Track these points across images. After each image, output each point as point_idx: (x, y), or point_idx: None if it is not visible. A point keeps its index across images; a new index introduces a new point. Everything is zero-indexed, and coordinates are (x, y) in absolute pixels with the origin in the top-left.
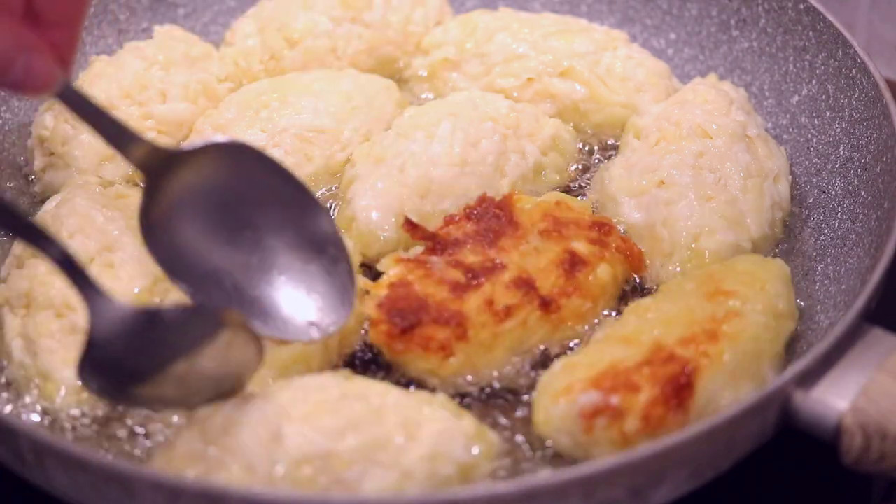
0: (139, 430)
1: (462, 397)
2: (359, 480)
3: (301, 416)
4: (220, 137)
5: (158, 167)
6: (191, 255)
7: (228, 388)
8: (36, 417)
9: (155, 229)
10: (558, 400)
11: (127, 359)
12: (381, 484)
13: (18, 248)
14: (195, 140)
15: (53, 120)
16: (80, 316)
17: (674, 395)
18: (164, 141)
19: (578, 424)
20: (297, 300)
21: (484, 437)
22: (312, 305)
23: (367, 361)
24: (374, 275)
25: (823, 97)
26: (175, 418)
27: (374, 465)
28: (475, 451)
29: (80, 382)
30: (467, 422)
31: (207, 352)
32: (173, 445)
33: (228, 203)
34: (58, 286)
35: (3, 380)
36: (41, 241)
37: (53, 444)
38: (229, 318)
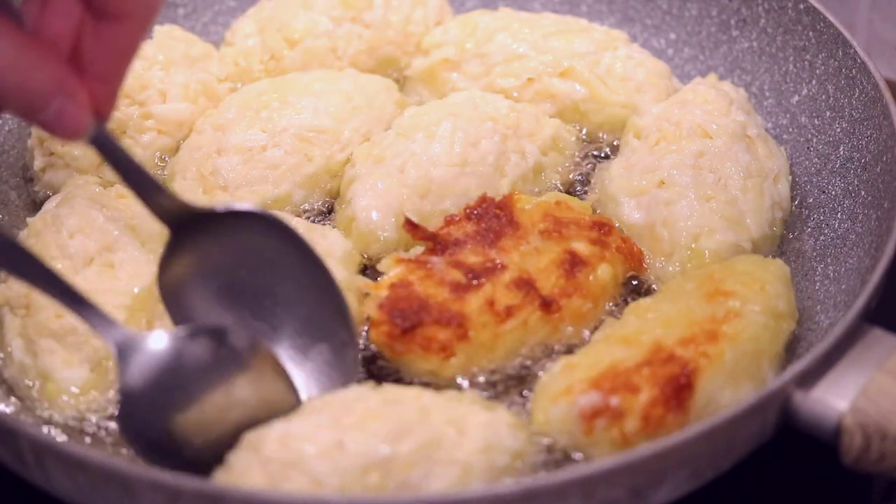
0: None
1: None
2: (424, 481)
3: (354, 424)
4: (251, 206)
5: (185, 224)
6: (201, 314)
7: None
8: (36, 417)
9: (171, 282)
10: (558, 401)
11: (160, 393)
12: (445, 482)
13: None
14: (228, 202)
15: None
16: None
17: (673, 395)
18: (164, 141)
19: (578, 425)
20: (297, 377)
21: (522, 425)
22: (312, 385)
23: (366, 359)
24: (375, 275)
25: (823, 97)
26: None
27: (435, 465)
28: (521, 437)
29: (126, 440)
30: (502, 412)
31: (239, 381)
32: (230, 467)
33: (248, 269)
34: None
35: (3, 379)
36: (51, 283)
37: (53, 444)
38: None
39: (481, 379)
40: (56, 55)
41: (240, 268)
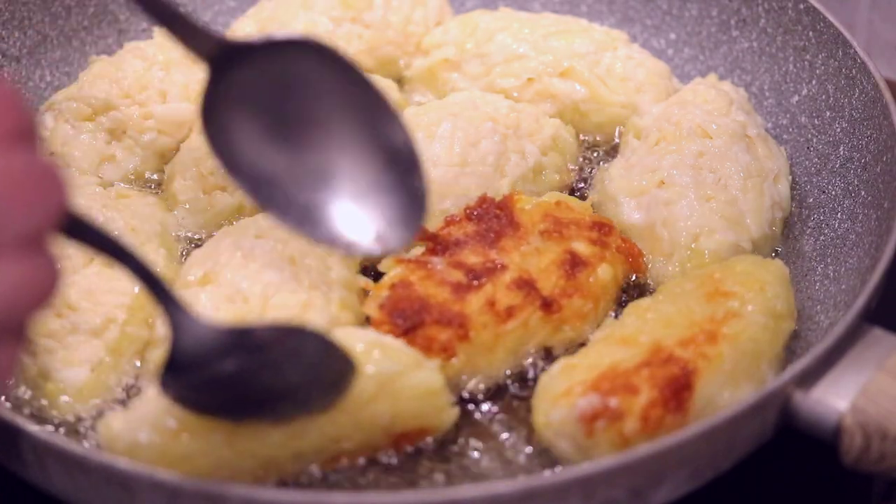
0: None
1: (463, 398)
2: None
3: None
4: (293, 34)
5: (224, 58)
6: (251, 153)
7: (318, 405)
8: (36, 418)
9: (214, 122)
10: (557, 403)
11: (212, 376)
12: None
13: None
14: (270, 33)
15: (53, 120)
16: (84, 317)
17: (673, 396)
18: (164, 141)
19: (579, 428)
20: (362, 211)
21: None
22: (378, 218)
23: None
24: (376, 275)
25: (823, 97)
26: None
27: None
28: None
29: (161, 388)
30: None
31: (296, 369)
32: None
33: (296, 102)
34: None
35: None
36: (121, 255)
37: (53, 444)
38: (321, 336)
39: (481, 379)
40: None
41: (286, 101)
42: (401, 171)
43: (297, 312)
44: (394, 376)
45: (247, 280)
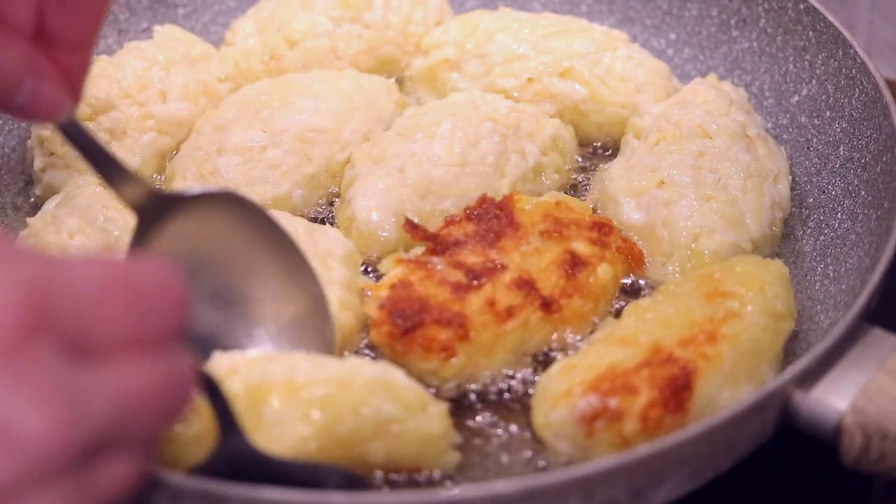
0: None
1: (464, 398)
2: None
3: None
4: (214, 188)
5: (152, 210)
6: None
7: None
8: None
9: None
10: (557, 404)
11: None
12: None
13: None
14: (190, 186)
15: None
16: None
17: (672, 396)
18: (164, 141)
19: (578, 428)
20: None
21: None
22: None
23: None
24: (376, 275)
25: (823, 97)
26: None
27: None
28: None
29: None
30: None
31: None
32: None
33: (217, 255)
34: None
35: None
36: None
37: None
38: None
39: (481, 379)
40: (18, 36)
41: (208, 254)
42: (317, 319)
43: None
44: (394, 420)
45: None
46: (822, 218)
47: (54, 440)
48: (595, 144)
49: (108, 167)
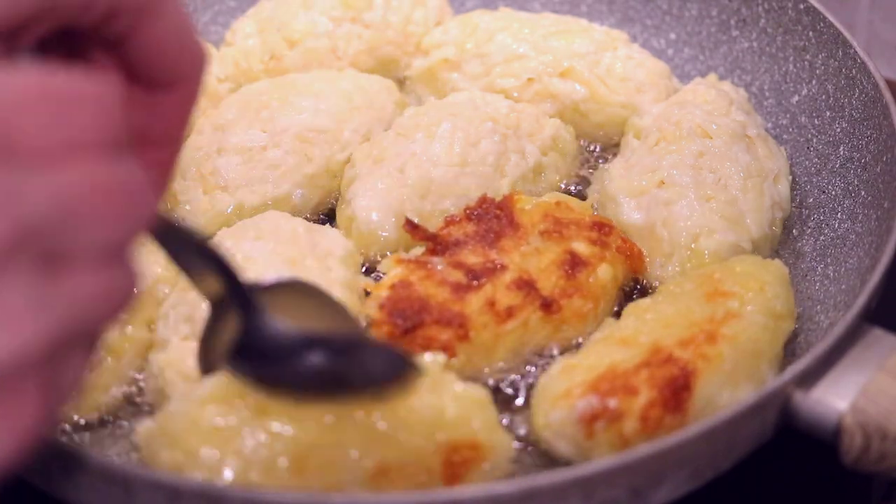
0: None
1: None
2: None
3: None
4: (286, 278)
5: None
6: None
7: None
8: None
9: (210, 361)
10: (557, 404)
11: (279, 368)
12: None
13: None
14: (265, 277)
15: None
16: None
17: (672, 397)
18: None
19: (578, 429)
20: None
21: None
22: None
23: None
24: (375, 275)
25: (823, 97)
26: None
27: None
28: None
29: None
30: None
31: (362, 373)
32: None
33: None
34: None
35: None
36: (209, 256)
37: (53, 443)
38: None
39: (481, 379)
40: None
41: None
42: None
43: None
44: (442, 380)
45: None
46: (822, 218)
47: (16, 344)
48: (595, 144)
49: (188, 262)
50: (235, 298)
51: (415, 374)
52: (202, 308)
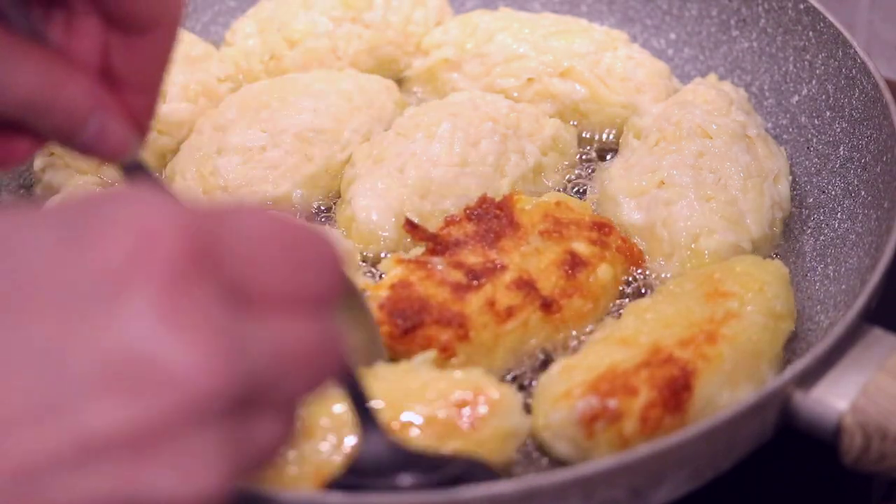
0: None
1: None
2: None
3: None
4: None
5: None
6: None
7: None
8: None
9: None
10: (557, 405)
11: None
12: None
13: None
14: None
15: None
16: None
17: (672, 397)
18: (164, 141)
19: (578, 430)
20: None
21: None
22: None
23: None
24: (375, 275)
25: (823, 97)
26: None
27: None
28: None
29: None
30: None
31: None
32: None
33: None
34: None
35: None
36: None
37: None
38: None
39: None
40: (83, 72)
41: None
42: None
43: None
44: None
45: None
46: (822, 218)
47: (213, 381)
48: (595, 145)
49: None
50: (361, 415)
51: (493, 480)
52: None
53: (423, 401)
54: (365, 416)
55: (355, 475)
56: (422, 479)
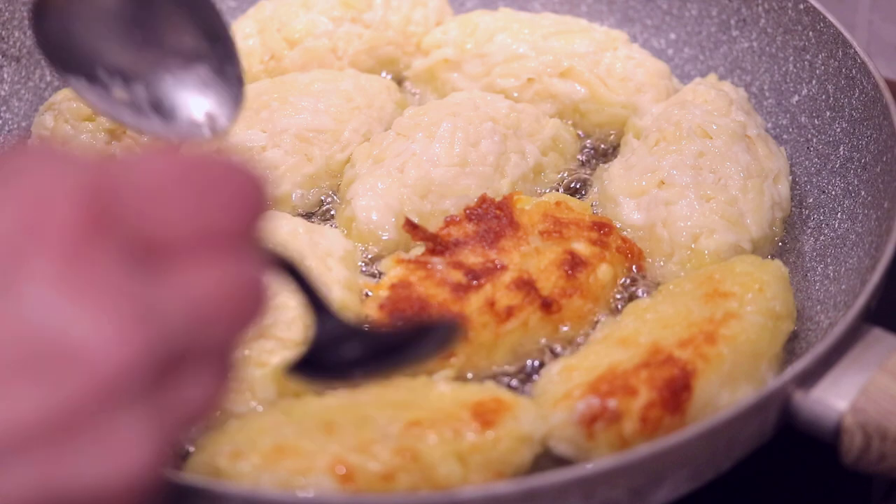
0: None
1: None
2: None
3: None
4: None
5: None
6: (82, 48)
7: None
8: None
9: (46, 18)
10: (557, 406)
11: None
12: None
13: None
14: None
15: (53, 120)
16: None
17: (671, 397)
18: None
19: (578, 431)
20: (192, 99)
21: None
22: (206, 102)
23: None
24: (374, 275)
25: (823, 97)
26: None
27: None
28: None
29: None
30: None
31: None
32: None
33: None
34: None
35: None
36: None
37: None
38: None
39: (481, 379)
40: None
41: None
42: (222, 57)
43: (298, 313)
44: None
45: None
46: (822, 218)
47: (127, 354)
48: (595, 145)
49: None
50: (310, 301)
51: (461, 332)
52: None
53: (441, 408)
54: (316, 302)
55: (315, 353)
56: (377, 345)
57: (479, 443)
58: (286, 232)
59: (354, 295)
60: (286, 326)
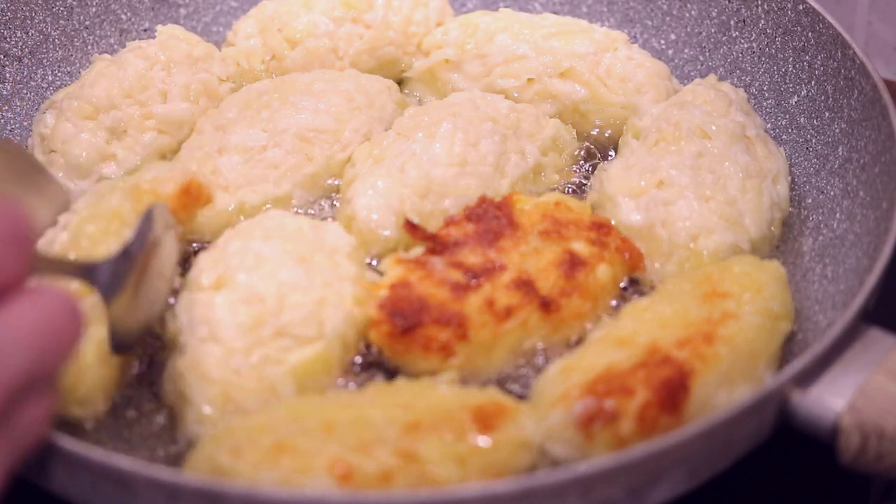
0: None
1: None
2: None
3: None
4: None
5: None
6: None
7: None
8: None
9: None
10: (555, 407)
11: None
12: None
13: None
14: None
15: (54, 118)
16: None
17: (668, 397)
18: (165, 140)
19: (576, 431)
20: None
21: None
22: None
23: (369, 363)
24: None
25: (822, 98)
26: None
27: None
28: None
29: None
30: None
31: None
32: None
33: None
34: None
35: None
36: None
37: (53, 442)
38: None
39: (480, 379)
40: None
41: None
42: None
43: (313, 310)
44: None
45: (261, 281)
46: (820, 218)
47: None
48: (595, 145)
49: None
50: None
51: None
52: (218, 307)
53: (442, 410)
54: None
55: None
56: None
57: (478, 446)
58: (292, 230)
59: (364, 290)
60: (302, 324)
